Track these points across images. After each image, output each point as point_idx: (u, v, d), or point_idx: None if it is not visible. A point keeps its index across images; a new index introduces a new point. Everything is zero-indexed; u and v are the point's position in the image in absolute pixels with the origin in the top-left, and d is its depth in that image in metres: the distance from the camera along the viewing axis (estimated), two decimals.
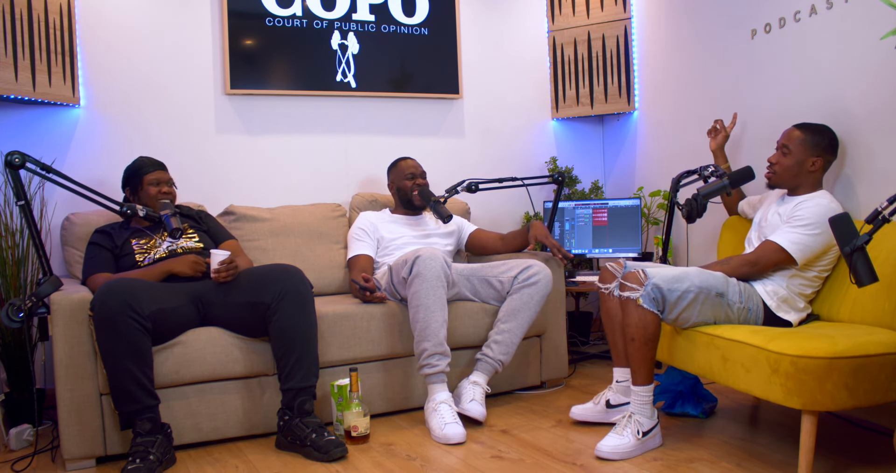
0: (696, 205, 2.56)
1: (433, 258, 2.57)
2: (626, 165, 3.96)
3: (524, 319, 2.71)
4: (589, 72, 3.85)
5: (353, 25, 3.49)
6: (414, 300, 2.56)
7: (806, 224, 2.30)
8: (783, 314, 2.32)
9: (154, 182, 2.66)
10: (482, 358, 2.68)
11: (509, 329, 2.70)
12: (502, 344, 2.68)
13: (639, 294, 2.21)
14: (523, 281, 2.73)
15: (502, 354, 2.68)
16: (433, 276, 2.55)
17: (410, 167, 3.13)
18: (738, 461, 2.18)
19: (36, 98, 2.83)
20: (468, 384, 2.63)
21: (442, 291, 2.57)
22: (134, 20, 3.16)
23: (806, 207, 2.33)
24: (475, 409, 2.54)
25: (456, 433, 2.39)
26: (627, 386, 2.53)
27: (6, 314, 2.09)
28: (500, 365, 2.68)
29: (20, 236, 2.78)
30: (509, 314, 2.71)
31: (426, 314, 2.53)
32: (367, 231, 3.05)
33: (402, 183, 3.12)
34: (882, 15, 2.40)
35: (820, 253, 2.32)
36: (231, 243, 2.81)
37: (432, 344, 2.52)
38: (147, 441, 2.18)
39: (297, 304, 2.39)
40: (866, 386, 1.95)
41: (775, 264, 2.34)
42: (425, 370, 2.53)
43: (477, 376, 2.65)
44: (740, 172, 2.53)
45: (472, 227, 3.24)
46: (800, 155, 2.41)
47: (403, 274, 2.62)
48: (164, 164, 2.73)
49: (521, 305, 2.71)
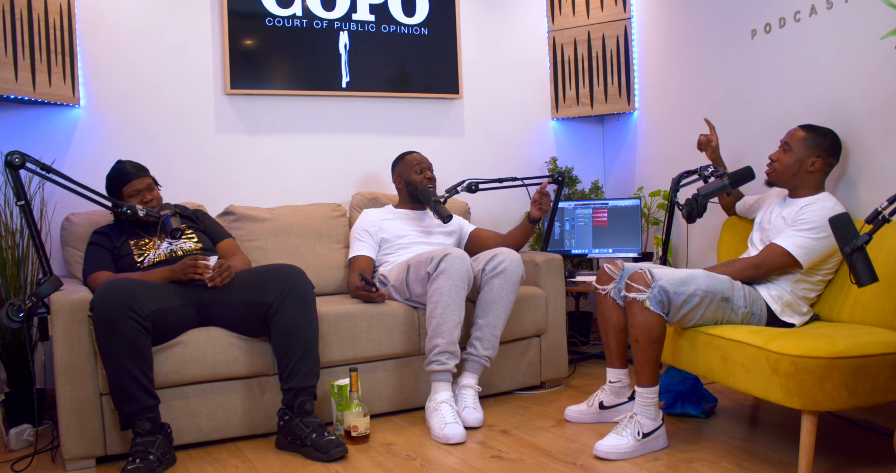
0: (696, 205, 2.56)
1: (462, 259, 2.56)
2: (626, 165, 3.96)
3: (500, 311, 2.65)
4: (589, 72, 3.85)
5: (353, 25, 3.49)
6: (435, 295, 2.54)
7: (811, 227, 2.29)
8: (787, 318, 2.32)
9: (133, 193, 2.61)
10: (468, 358, 2.63)
11: (487, 323, 2.64)
12: (483, 339, 2.63)
13: (645, 295, 2.20)
14: (490, 272, 2.66)
15: (486, 350, 2.63)
16: (458, 276, 2.54)
17: (418, 160, 3.11)
18: (738, 461, 2.18)
19: (36, 98, 2.83)
20: (460, 389, 2.58)
21: (464, 292, 2.56)
22: (134, 20, 3.16)
23: (811, 211, 2.32)
24: (471, 416, 2.51)
25: (456, 433, 2.39)
26: (621, 387, 2.54)
27: (6, 314, 2.09)
28: (486, 361, 2.64)
29: (20, 236, 2.78)
30: (484, 308, 2.65)
31: (444, 311, 2.52)
32: (369, 231, 3.03)
33: (411, 176, 3.09)
34: (882, 15, 2.40)
35: (825, 256, 2.32)
36: (228, 242, 2.80)
37: (445, 342, 2.51)
38: (147, 441, 2.18)
39: (300, 304, 2.39)
40: (866, 386, 1.95)
41: (780, 268, 2.34)
42: (433, 366, 2.53)
43: (467, 378, 2.61)
44: (740, 172, 2.53)
45: (472, 227, 3.24)
46: (800, 153, 2.41)
47: (429, 269, 2.59)
48: (144, 168, 2.68)
49: (493, 297, 2.65)
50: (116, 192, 2.63)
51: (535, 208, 2.97)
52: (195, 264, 2.43)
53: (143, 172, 2.67)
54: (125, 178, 2.62)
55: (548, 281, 3.04)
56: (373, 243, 3.02)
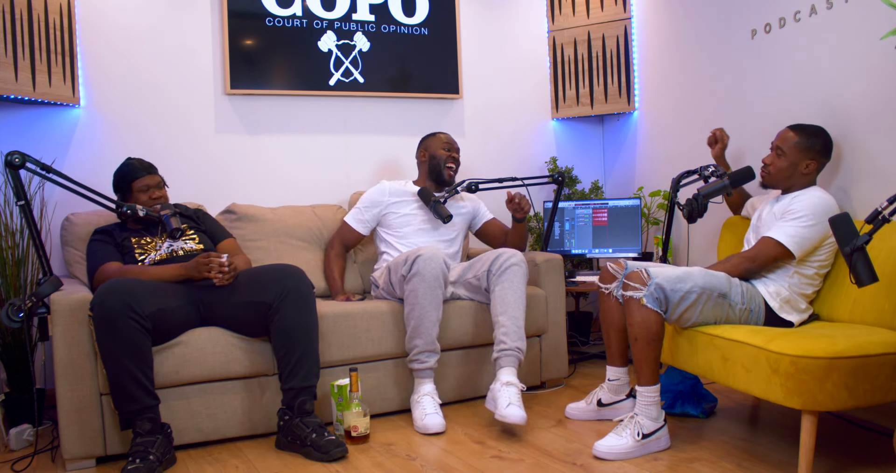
0: (696, 205, 2.56)
1: (433, 258, 2.59)
2: (626, 165, 3.95)
3: (517, 305, 2.63)
4: (589, 72, 3.85)
5: (353, 25, 3.49)
6: (410, 297, 2.59)
7: (799, 216, 2.32)
8: (785, 315, 2.32)
9: (143, 188, 2.62)
10: (501, 355, 2.54)
11: (507, 319, 2.60)
12: (510, 334, 2.58)
13: (642, 293, 2.21)
14: (497, 271, 2.67)
15: (515, 341, 2.56)
16: (431, 276, 2.57)
17: (448, 140, 3.15)
18: (738, 461, 2.18)
19: (36, 98, 2.83)
20: (500, 386, 2.47)
21: (439, 291, 2.60)
22: (134, 20, 3.16)
23: (799, 201, 2.36)
24: (515, 414, 2.38)
25: (434, 423, 2.47)
26: (619, 384, 2.55)
27: (6, 314, 2.09)
28: (519, 352, 2.56)
29: (20, 236, 2.78)
30: (501, 305, 2.63)
31: (421, 312, 2.56)
32: (377, 204, 3.05)
33: (438, 151, 3.11)
34: (882, 15, 2.40)
35: (817, 244, 2.33)
36: (229, 242, 2.80)
37: (424, 342, 2.57)
38: (147, 441, 2.18)
39: (299, 304, 2.39)
40: (866, 386, 1.95)
41: (774, 259, 2.35)
42: (415, 365, 2.59)
43: (506, 374, 2.51)
44: (740, 172, 2.53)
45: (489, 216, 3.23)
46: (794, 157, 2.42)
47: (403, 271, 2.64)
48: (153, 167, 2.69)
49: (505, 295, 2.63)
50: (126, 187, 2.63)
51: (512, 210, 2.98)
52: (209, 261, 2.40)
53: (153, 170, 2.68)
54: (136, 174, 2.63)
55: (548, 281, 3.04)
56: (371, 222, 3.08)
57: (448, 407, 2.76)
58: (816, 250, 2.34)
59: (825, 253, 2.36)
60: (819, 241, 2.32)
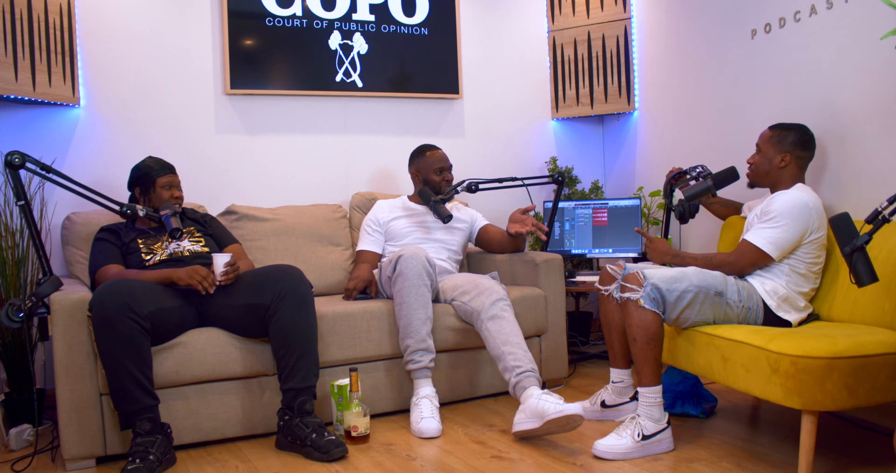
0: (687, 206, 2.57)
1: (415, 257, 2.61)
2: (626, 165, 3.95)
3: (513, 335, 2.55)
4: (589, 72, 3.85)
5: (354, 25, 3.49)
6: (397, 298, 2.61)
7: (772, 217, 2.32)
8: (783, 314, 2.32)
9: (167, 185, 2.65)
10: (520, 380, 2.42)
11: (511, 347, 2.51)
12: (519, 358, 2.48)
13: (639, 294, 2.22)
14: (489, 318, 2.59)
15: (528, 363, 2.48)
16: (415, 275, 2.59)
17: (439, 159, 3.13)
18: (738, 461, 2.18)
19: (36, 98, 2.83)
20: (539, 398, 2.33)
21: (424, 289, 2.60)
22: (134, 20, 3.16)
23: (775, 201, 2.36)
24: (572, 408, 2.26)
25: (430, 427, 2.45)
26: (623, 387, 2.55)
27: (6, 314, 2.09)
28: (535, 372, 2.47)
29: (20, 236, 2.78)
30: (500, 340, 2.53)
31: (408, 312, 2.58)
32: (378, 226, 3.08)
33: (430, 176, 3.11)
34: (882, 15, 2.40)
35: (796, 243, 2.32)
36: (235, 247, 2.80)
37: (415, 341, 2.57)
38: (147, 441, 2.18)
39: (297, 305, 2.39)
40: (866, 386, 1.95)
41: (753, 263, 2.36)
42: (409, 365, 2.59)
43: (534, 390, 2.39)
44: (724, 173, 2.55)
45: (484, 222, 3.25)
46: (769, 152, 2.46)
47: (388, 272, 2.68)
48: (174, 167, 2.73)
49: (501, 330, 2.55)
50: (149, 183, 2.65)
51: (514, 225, 2.94)
52: (201, 275, 2.36)
53: (174, 169, 2.72)
54: (163, 171, 2.66)
55: (548, 282, 3.04)
56: (380, 237, 3.09)
57: (448, 407, 2.76)
58: (798, 248, 2.34)
59: (812, 251, 2.35)
60: (798, 240, 2.32)
